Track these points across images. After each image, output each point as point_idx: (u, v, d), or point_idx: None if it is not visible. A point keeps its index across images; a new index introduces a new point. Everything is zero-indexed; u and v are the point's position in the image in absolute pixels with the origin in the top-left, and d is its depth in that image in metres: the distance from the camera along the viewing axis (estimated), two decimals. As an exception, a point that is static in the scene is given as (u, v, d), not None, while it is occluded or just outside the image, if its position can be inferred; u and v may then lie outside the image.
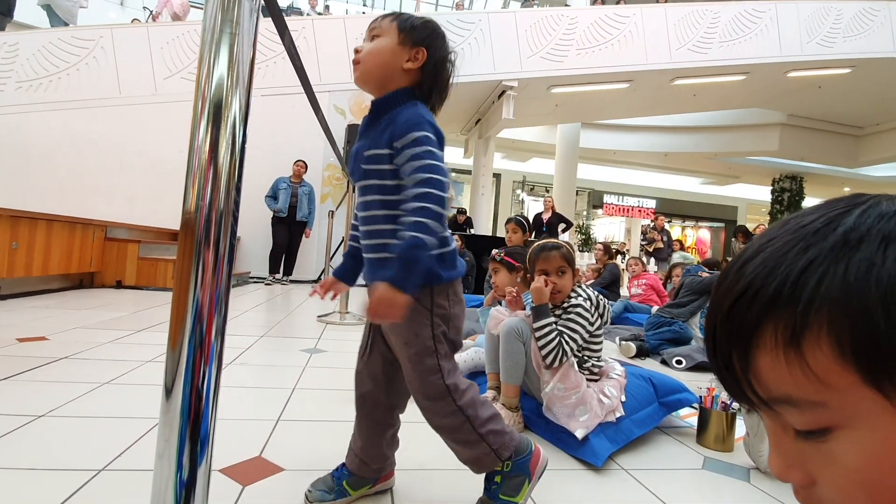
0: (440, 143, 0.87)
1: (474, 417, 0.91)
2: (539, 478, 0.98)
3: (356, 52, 0.92)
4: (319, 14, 9.03)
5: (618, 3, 8.06)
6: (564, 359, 1.41)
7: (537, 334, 1.43)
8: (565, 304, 1.51)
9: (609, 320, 1.56)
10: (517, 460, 0.94)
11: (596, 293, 1.55)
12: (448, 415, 0.91)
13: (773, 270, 0.24)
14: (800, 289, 0.23)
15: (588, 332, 1.48)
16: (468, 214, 8.37)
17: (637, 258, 4.84)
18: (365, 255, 0.97)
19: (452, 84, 0.97)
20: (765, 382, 0.25)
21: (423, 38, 0.92)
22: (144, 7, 8.23)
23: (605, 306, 1.54)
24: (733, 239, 6.44)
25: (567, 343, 1.42)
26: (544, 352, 1.41)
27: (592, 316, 1.49)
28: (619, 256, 8.17)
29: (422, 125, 0.85)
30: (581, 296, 1.51)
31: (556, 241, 1.60)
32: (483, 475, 0.96)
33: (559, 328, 1.44)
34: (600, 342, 1.56)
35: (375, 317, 0.80)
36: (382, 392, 1.01)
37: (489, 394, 1.62)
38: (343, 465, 1.04)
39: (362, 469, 1.02)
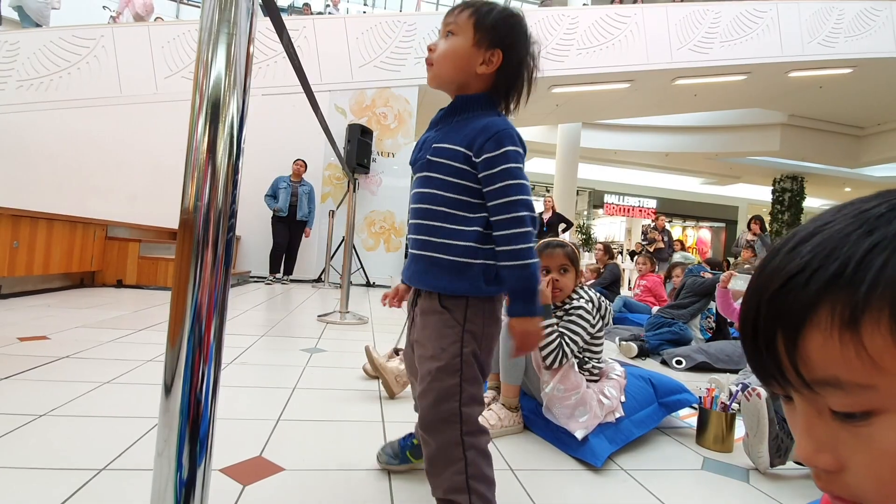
0: (523, 158, 0.84)
1: (472, 464, 0.81)
2: None
3: (429, 50, 0.87)
4: (326, 14, 9.01)
5: (628, 1, 8.04)
6: (564, 360, 1.41)
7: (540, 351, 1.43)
8: (567, 306, 1.51)
9: (611, 322, 1.56)
10: None
11: (598, 295, 1.55)
12: (449, 446, 0.81)
13: (833, 251, 0.24)
14: (863, 270, 0.23)
15: (589, 333, 1.48)
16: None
17: (648, 257, 4.83)
18: (412, 250, 0.88)
19: (535, 82, 0.90)
20: (812, 363, 0.25)
21: (500, 38, 0.84)
22: (104, 7, 8.16)
23: (606, 308, 1.54)
24: (746, 230, 6.38)
25: (567, 345, 1.42)
26: (544, 353, 1.41)
27: (594, 318, 1.49)
28: (630, 256, 8.16)
29: (511, 138, 0.82)
30: (583, 297, 1.51)
31: (561, 240, 1.60)
32: None
33: (560, 330, 1.44)
34: (601, 344, 1.56)
35: (524, 350, 0.79)
36: None
37: (489, 394, 1.62)
38: (410, 434, 1.12)
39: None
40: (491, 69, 0.85)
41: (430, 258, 0.84)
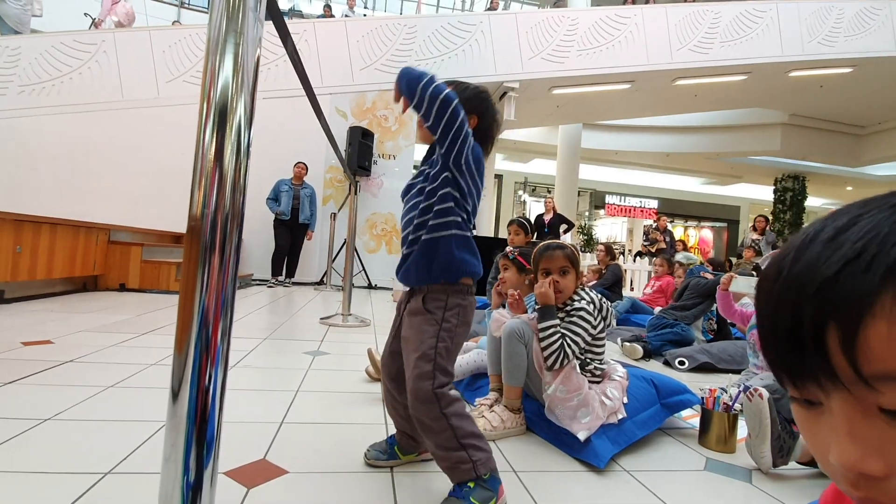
0: (477, 153, 1.07)
1: (458, 427, 1.00)
2: None
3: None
4: (334, 16, 9.03)
5: (624, 2, 8.05)
6: (566, 361, 1.41)
7: (541, 335, 1.43)
8: (568, 308, 1.52)
9: (613, 323, 1.56)
10: (491, 477, 1.02)
11: (599, 296, 1.55)
12: (434, 419, 1.00)
13: (887, 236, 0.23)
14: None
15: (591, 335, 1.48)
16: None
17: (665, 259, 4.77)
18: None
19: (497, 139, 1.19)
20: (873, 356, 0.22)
21: (475, 107, 1.10)
22: (86, 14, 8.16)
23: (608, 309, 1.54)
24: (752, 229, 6.36)
25: (569, 346, 1.43)
26: (546, 353, 1.41)
27: (595, 319, 1.49)
28: (634, 257, 8.15)
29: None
30: (584, 299, 1.51)
31: (561, 242, 1.61)
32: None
33: (561, 331, 1.45)
34: (603, 345, 1.56)
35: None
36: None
37: (491, 395, 1.62)
38: (394, 434, 1.22)
39: (408, 441, 1.19)
40: (471, 127, 1.08)
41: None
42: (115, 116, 5.68)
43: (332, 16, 9.32)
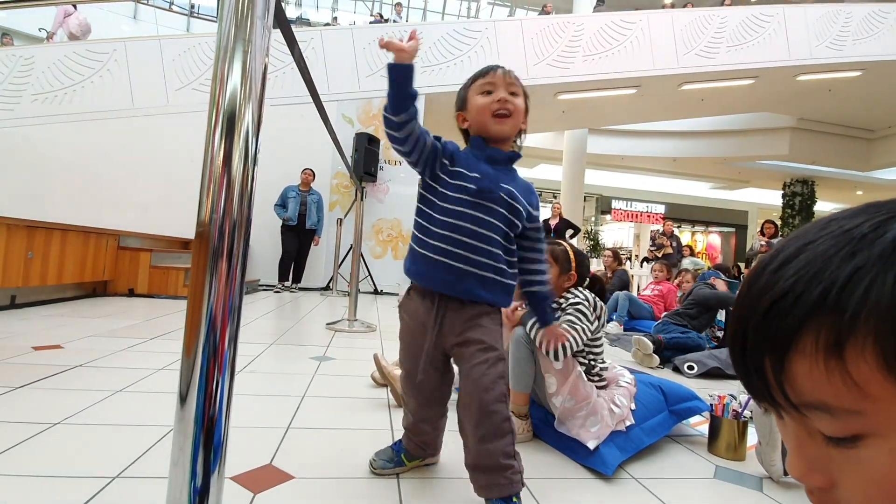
0: None
1: (514, 433, 1.03)
2: None
3: (505, 100, 1.07)
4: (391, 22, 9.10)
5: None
6: (569, 351, 1.40)
7: (531, 332, 1.43)
8: (563, 304, 1.52)
9: (605, 322, 1.56)
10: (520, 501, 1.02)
11: (593, 295, 1.55)
12: (503, 421, 1.00)
13: (816, 275, 0.24)
14: (846, 296, 0.22)
15: (588, 330, 1.47)
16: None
17: (664, 264, 4.80)
18: (457, 263, 1.02)
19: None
20: (799, 388, 0.24)
21: (527, 106, 1.15)
22: (41, 29, 8.27)
23: (601, 308, 1.54)
24: (759, 234, 6.32)
25: (568, 331, 1.41)
26: (547, 351, 1.41)
27: (591, 315, 1.49)
28: (641, 263, 8.11)
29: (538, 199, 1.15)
30: (579, 296, 1.52)
31: (558, 240, 1.62)
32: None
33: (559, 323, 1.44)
34: (600, 344, 1.55)
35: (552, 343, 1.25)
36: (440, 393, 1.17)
37: None
38: (399, 440, 1.23)
39: (416, 447, 1.21)
40: (524, 128, 1.15)
41: (489, 279, 1.07)
42: (126, 124, 5.75)
43: (402, 10, 9.37)
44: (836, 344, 0.23)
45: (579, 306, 1.49)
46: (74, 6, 6.72)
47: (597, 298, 1.55)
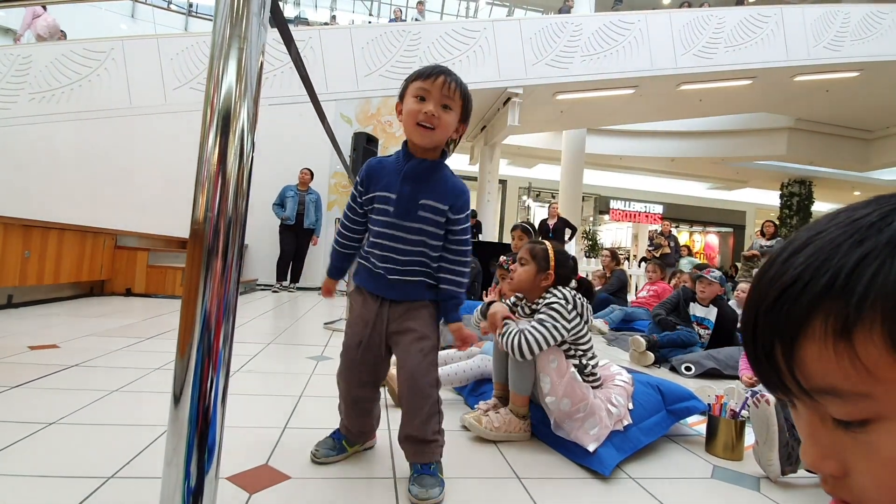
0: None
1: (441, 413, 1.17)
2: None
3: (431, 114, 1.07)
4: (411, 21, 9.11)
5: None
6: (532, 349, 1.39)
7: (505, 343, 1.44)
8: (540, 304, 1.51)
9: (590, 319, 1.54)
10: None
11: (573, 293, 1.53)
12: (434, 403, 1.14)
13: (825, 262, 0.24)
14: (854, 281, 0.23)
15: (565, 327, 1.44)
16: (477, 219, 8.35)
17: (658, 265, 4.83)
18: (392, 276, 1.16)
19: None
20: (809, 373, 0.25)
21: (467, 116, 1.15)
22: (7, 30, 8.20)
23: (583, 305, 1.52)
24: (759, 235, 6.36)
25: (531, 334, 1.40)
26: (507, 344, 1.41)
27: (569, 312, 1.46)
28: (639, 263, 8.13)
29: (469, 200, 1.17)
30: (556, 295, 1.50)
31: (540, 240, 1.62)
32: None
33: (524, 326, 1.44)
34: (587, 341, 1.54)
35: (466, 345, 1.22)
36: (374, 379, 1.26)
37: (491, 401, 1.61)
38: (337, 429, 1.27)
39: (354, 434, 1.27)
40: (459, 135, 1.17)
41: (415, 282, 1.19)
42: (123, 123, 5.74)
43: (423, 9, 9.40)
44: (844, 328, 0.23)
45: (553, 305, 1.47)
46: (44, 7, 6.65)
47: (578, 296, 1.53)
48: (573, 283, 1.62)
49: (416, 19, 9.18)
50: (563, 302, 1.47)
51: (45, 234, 3.46)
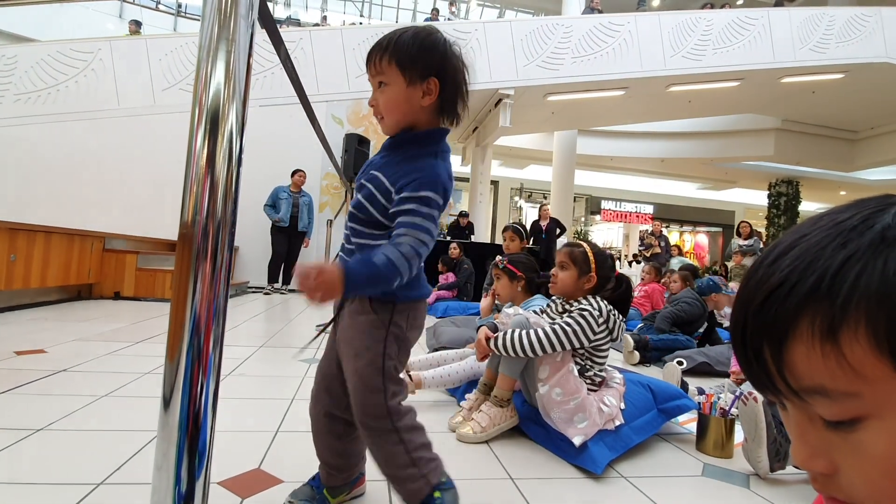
0: (443, 206, 0.87)
1: (409, 441, 0.90)
2: None
3: (372, 106, 0.90)
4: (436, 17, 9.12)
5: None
6: (549, 348, 1.40)
7: (504, 343, 1.44)
8: (573, 307, 1.51)
9: (619, 336, 1.54)
10: (448, 479, 0.93)
11: (609, 307, 1.51)
12: (385, 433, 0.88)
13: (810, 264, 0.25)
14: (839, 283, 0.24)
15: (587, 337, 1.45)
16: (469, 219, 8.36)
17: (653, 266, 4.90)
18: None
19: (469, 77, 0.92)
20: (798, 373, 0.25)
21: (428, 66, 0.86)
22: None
23: (615, 322, 1.50)
24: (736, 236, 6.48)
25: (539, 331, 1.41)
26: (520, 349, 1.41)
27: (598, 325, 1.46)
28: (630, 263, 8.19)
29: (435, 186, 0.84)
30: (592, 304, 1.50)
31: (577, 241, 1.64)
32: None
33: (553, 325, 1.44)
34: (605, 354, 1.55)
35: (304, 282, 0.75)
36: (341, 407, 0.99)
37: (473, 395, 1.61)
38: (316, 474, 1.05)
39: (335, 478, 1.03)
40: (434, 96, 0.87)
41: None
42: (111, 125, 5.67)
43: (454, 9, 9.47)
44: (830, 328, 0.24)
45: (584, 312, 1.46)
46: None
47: (613, 311, 1.50)
48: (611, 283, 1.59)
49: (449, 19, 9.22)
50: (596, 313, 1.46)
51: (32, 237, 3.41)
